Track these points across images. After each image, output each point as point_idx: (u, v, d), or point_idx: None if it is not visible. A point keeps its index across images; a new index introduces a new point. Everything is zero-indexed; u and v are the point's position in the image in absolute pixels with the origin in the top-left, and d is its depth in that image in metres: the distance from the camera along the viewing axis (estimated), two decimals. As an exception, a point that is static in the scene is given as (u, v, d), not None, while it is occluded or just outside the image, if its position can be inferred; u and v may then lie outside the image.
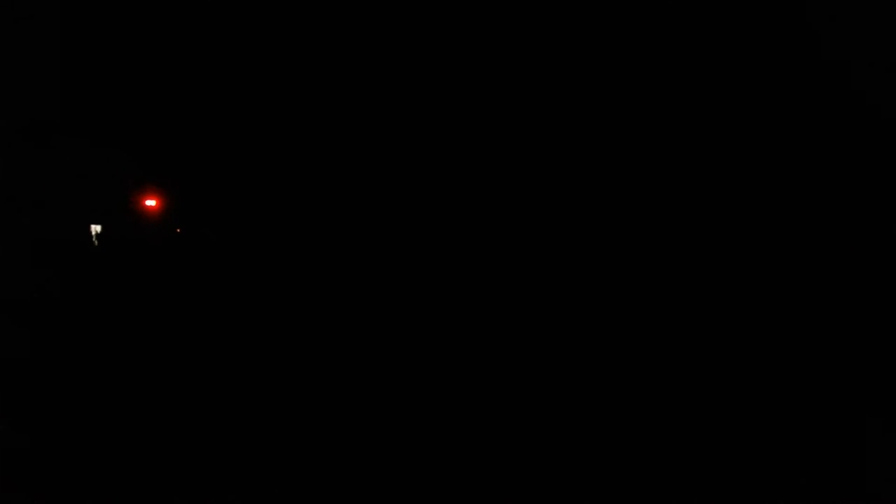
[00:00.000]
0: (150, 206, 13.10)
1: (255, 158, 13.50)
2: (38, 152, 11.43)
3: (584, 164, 10.88)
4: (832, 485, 4.72)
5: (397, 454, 5.12)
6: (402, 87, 12.14)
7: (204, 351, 7.93)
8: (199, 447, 5.06)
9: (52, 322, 8.94)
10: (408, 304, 11.08)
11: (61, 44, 11.52)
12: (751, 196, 9.78)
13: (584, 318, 9.99)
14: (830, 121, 9.24)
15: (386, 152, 12.67)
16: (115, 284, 11.89)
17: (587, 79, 10.66)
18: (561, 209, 11.13)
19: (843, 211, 9.20)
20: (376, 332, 9.22)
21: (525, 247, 11.32)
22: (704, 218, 10.07)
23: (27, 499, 4.21)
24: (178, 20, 12.67)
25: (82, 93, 12.39)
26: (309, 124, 13.26)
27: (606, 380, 7.38)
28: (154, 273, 12.51)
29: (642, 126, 10.41)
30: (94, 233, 12.94)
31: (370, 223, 12.86)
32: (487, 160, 11.69)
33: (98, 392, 6.16)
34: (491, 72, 11.32)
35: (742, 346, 8.44)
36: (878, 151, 8.97)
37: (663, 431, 5.77)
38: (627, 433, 5.71)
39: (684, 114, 10.10)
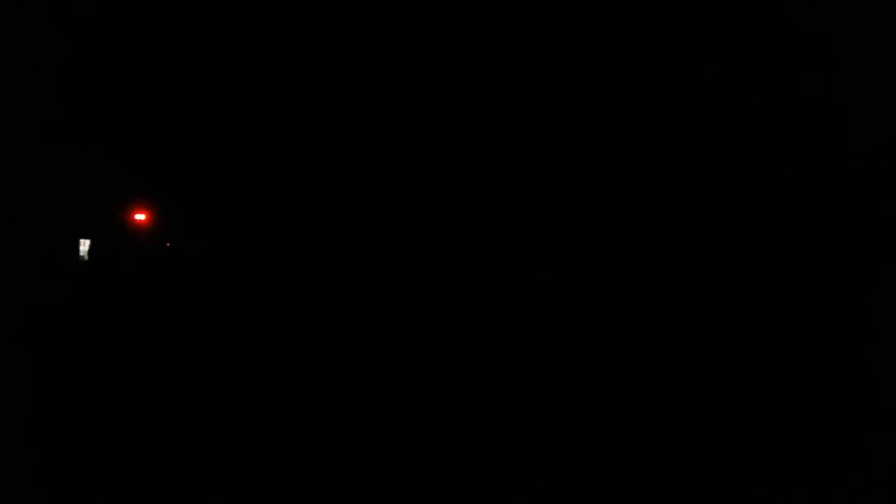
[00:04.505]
0: (140, 221, 13.26)
1: (242, 174, 13.66)
2: (29, 168, 11.51)
3: (581, 165, 10.90)
4: (832, 485, 4.72)
5: (395, 454, 5.12)
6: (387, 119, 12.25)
7: (194, 360, 7.99)
8: (194, 451, 5.08)
9: (45, 334, 8.98)
10: (401, 311, 11.11)
11: (55, 66, 11.70)
12: (748, 196, 9.81)
13: (580, 315, 10.01)
14: (827, 121, 9.27)
15: (367, 179, 12.83)
16: (105, 297, 11.94)
17: (586, 80, 10.69)
18: (558, 209, 11.15)
19: (840, 211, 9.23)
20: (367, 342, 9.28)
21: (524, 246, 11.32)
22: (702, 218, 10.10)
23: (27, 499, 4.22)
24: (170, 48, 12.86)
25: (73, 110, 12.54)
26: (293, 140, 13.41)
27: (603, 377, 7.40)
28: (143, 285, 12.59)
29: (642, 126, 10.42)
30: (83, 247, 13.02)
31: (355, 238, 12.96)
32: (484, 161, 11.70)
33: (91, 401, 6.19)
34: (490, 72, 11.33)
35: (741, 347, 8.45)
36: (877, 152, 9.00)
37: (661, 430, 5.78)
38: (624, 432, 5.73)
39: (683, 114, 10.13)
